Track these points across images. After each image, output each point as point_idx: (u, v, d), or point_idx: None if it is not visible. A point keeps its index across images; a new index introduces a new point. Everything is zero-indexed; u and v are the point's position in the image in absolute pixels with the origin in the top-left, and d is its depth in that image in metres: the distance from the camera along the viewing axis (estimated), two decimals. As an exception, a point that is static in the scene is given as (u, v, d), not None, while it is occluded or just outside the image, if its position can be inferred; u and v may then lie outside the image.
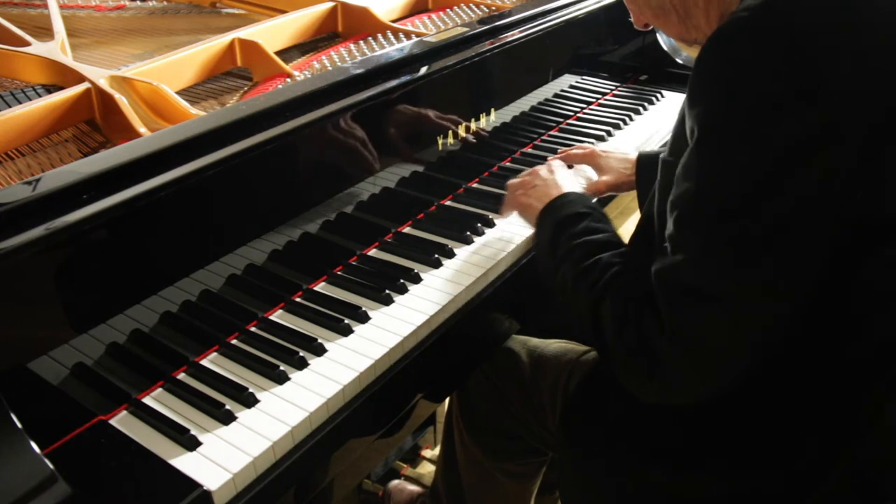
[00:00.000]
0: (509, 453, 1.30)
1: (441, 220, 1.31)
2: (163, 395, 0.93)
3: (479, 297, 1.14)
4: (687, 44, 0.96)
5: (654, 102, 1.79)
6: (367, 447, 1.01)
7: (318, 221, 1.14)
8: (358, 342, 1.01)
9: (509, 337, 1.28)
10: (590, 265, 0.94)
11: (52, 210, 0.82)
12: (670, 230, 0.82)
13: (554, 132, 1.64)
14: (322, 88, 1.12)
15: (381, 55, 1.29)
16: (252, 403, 0.91)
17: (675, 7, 0.90)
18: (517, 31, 1.44)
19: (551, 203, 1.10)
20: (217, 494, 0.80)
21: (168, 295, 0.95)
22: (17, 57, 1.30)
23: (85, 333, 0.88)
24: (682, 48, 0.97)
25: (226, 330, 1.03)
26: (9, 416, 0.75)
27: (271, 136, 1.01)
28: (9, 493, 0.71)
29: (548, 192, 1.13)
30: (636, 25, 1.01)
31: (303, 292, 1.12)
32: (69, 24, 1.54)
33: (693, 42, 0.93)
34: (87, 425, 0.87)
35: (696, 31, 0.92)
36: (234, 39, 1.36)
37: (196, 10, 1.72)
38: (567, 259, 0.98)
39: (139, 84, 1.19)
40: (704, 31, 0.91)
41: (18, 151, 1.08)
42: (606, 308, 0.88)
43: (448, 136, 1.33)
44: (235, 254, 1.02)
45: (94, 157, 0.93)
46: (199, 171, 0.93)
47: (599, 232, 1.00)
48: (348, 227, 1.18)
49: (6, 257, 0.78)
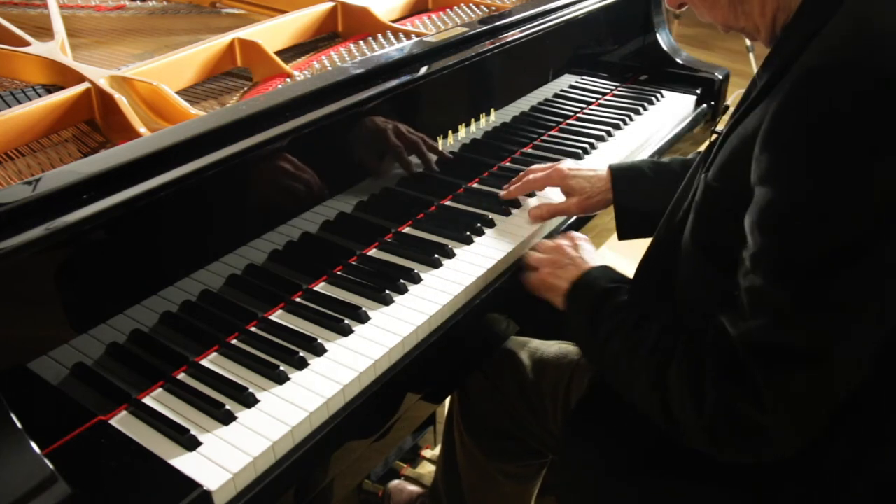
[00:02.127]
0: (510, 455, 1.30)
1: (441, 220, 1.31)
2: (163, 395, 0.93)
3: (480, 298, 1.14)
4: (729, 30, 0.90)
5: (654, 102, 1.78)
6: (367, 447, 1.01)
7: (318, 221, 1.14)
8: (358, 342, 1.01)
9: (509, 337, 1.28)
10: (643, 334, 0.89)
11: (52, 210, 0.82)
12: (748, 286, 0.76)
13: (554, 132, 1.64)
14: (322, 88, 1.12)
15: (381, 55, 1.29)
16: (252, 403, 0.91)
17: None
18: (517, 31, 1.44)
19: (577, 282, 1.04)
20: (217, 494, 0.80)
21: (168, 295, 0.95)
22: (17, 57, 1.30)
23: (85, 333, 0.88)
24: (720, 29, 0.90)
25: (226, 330, 1.03)
26: (9, 416, 0.75)
27: (271, 136, 1.01)
28: (9, 493, 0.71)
29: (572, 269, 1.08)
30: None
31: (303, 292, 1.12)
32: (69, 24, 1.54)
33: (739, 30, 0.88)
34: (87, 425, 0.87)
35: (745, 18, 0.86)
36: (234, 39, 1.36)
37: (196, 10, 1.72)
38: (616, 334, 0.93)
39: (139, 84, 1.19)
40: (755, 22, 0.85)
41: (18, 151, 1.08)
42: (674, 376, 0.83)
43: (448, 137, 1.33)
44: (235, 254, 1.02)
45: (94, 157, 0.93)
46: (199, 171, 0.93)
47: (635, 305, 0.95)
48: (348, 227, 1.18)
49: (6, 257, 0.78)
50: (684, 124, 1.75)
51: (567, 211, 1.28)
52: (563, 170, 1.28)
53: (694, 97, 1.82)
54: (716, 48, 4.53)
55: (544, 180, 1.30)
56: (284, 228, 1.09)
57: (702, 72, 1.87)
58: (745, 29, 0.88)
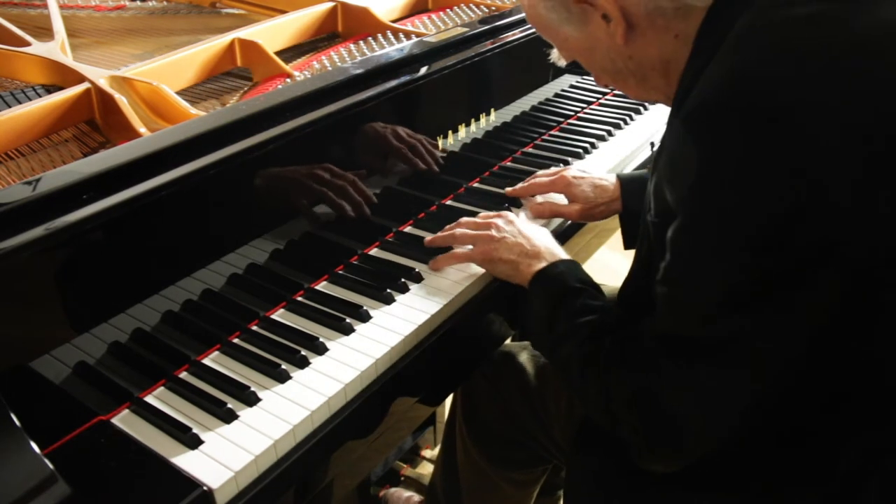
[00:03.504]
0: (513, 462, 1.28)
1: (442, 219, 1.31)
2: (165, 394, 0.93)
3: (481, 296, 1.14)
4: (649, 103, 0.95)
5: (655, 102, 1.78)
6: (368, 447, 1.01)
7: (320, 221, 1.14)
8: (359, 341, 1.01)
9: (509, 337, 1.27)
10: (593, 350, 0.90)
11: (52, 210, 0.82)
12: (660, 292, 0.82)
13: (554, 132, 1.64)
14: (322, 88, 1.12)
15: (381, 55, 1.29)
16: (254, 402, 0.91)
17: (631, 72, 0.89)
18: (517, 31, 1.44)
19: (543, 272, 1.04)
20: (219, 493, 0.80)
21: (170, 294, 0.95)
22: (17, 57, 1.30)
23: (87, 332, 0.88)
24: None
25: (227, 329, 1.03)
26: (9, 416, 0.75)
27: (271, 136, 1.01)
28: (9, 493, 0.71)
29: (524, 250, 1.08)
30: (598, 84, 1.00)
31: (304, 291, 1.12)
32: (69, 24, 1.54)
33: (655, 102, 0.92)
34: (87, 425, 0.87)
35: (655, 92, 0.91)
36: (234, 39, 1.37)
37: (196, 10, 1.72)
38: (569, 340, 0.94)
39: (139, 84, 1.19)
40: (665, 92, 0.90)
41: (18, 151, 1.08)
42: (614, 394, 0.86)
43: (448, 136, 1.33)
44: (237, 253, 1.02)
45: (94, 157, 0.93)
46: (200, 171, 0.93)
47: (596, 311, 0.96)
48: (350, 226, 1.18)
49: (6, 257, 0.78)
50: (684, 124, 1.74)
51: (569, 216, 1.29)
52: (567, 178, 1.29)
53: (694, 97, 1.82)
54: (715, 48, 4.51)
55: (549, 186, 1.31)
56: (285, 228, 1.09)
57: (702, 71, 1.87)
58: (659, 101, 0.93)
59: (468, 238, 1.15)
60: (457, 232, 1.17)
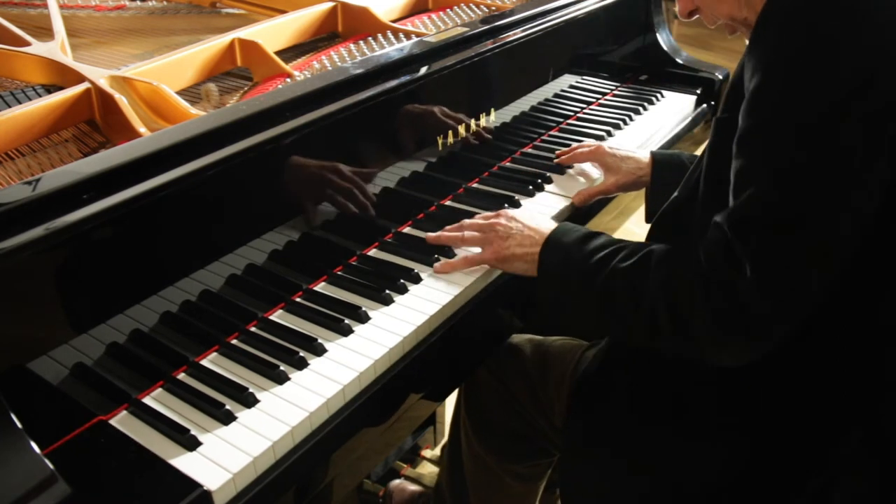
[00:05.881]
0: (517, 455, 1.29)
1: (441, 220, 1.31)
2: (163, 395, 0.93)
3: (480, 297, 1.14)
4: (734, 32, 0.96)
5: (654, 102, 1.78)
6: (367, 447, 1.01)
7: (319, 221, 1.14)
8: (358, 342, 1.01)
9: (510, 336, 1.28)
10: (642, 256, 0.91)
11: (52, 210, 0.82)
12: (737, 169, 0.82)
13: (554, 132, 1.64)
14: (322, 88, 1.12)
15: (381, 55, 1.29)
16: (252, 403, 0.91)
17: None
18: (517, 31, 1.44)
19: (551, 236, 1.05)
20: (217, 494, 0.80)
21: (168, 295, 0.95)
22: (17, 57, 1.30)
23: (85, 333, 0.88)
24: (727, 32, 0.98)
25: (226, 330, 1.03)
26: (9, 416, 0.75)
27: (271, 136, 1.01)
28: (9, 493, 0.71)
29: (534, 240, 1.07)
30: (680, 15, 0.99)
31: (303, 292, 1.12)
32: (69, 24, 1.54)
33: (742, 21, 0.92)
34: (87, 425, 0.87)
35: (748, 8, 0.91)
36: (234, 39, 1.36)
37: (196, 10, 1.72)
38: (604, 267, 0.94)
39: (139, 84, 1.19)
40: (757, 9, 0.89)
41: (18, 151, 1.08)
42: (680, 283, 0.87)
43: (448, 136, 1.33)
44: (235, 254, 1.02)
45: (94, 157, 0.93)
46: (199, 172, 0.93)
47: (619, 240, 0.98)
48: (348, 226, 1.18)
49: (6, 257, 0.78)
50: (684, 124, 1.75)
51: (607, 191, 1.36)
52: (604, 148, 1.40)
53: (694, 97, 1.82)
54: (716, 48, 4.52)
55: (589, 154, 1.41)
56: (284, 228, 1.09)
57: (702, 72, 1.87)
58: (748, 20, 0.92)
59: (477, 240, 1.15)
60: (465, 234, 1.16)
